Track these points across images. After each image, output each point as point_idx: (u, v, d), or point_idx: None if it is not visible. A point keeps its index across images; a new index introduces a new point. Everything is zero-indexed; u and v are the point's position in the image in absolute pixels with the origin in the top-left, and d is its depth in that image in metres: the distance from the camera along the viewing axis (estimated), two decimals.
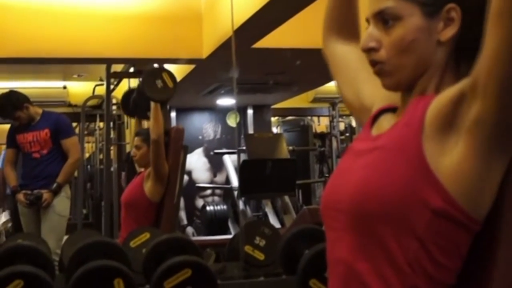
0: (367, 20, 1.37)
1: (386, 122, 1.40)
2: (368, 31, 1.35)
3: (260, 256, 3.80)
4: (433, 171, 1.21)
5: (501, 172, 1.21)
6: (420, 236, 1.21)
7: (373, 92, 1.50)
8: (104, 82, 7.23)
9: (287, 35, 5.83)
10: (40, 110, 5.48)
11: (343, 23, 1.62)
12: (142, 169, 5.00)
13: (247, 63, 6.37)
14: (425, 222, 1.20)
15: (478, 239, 1.25)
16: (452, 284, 1.25)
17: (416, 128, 1.24)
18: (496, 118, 1.15)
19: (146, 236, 3.85)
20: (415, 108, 1.28)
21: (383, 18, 1.32)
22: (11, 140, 5.50)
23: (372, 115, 1.46)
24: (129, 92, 6.24)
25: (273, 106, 10.62)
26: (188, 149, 5.28)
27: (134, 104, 5.61)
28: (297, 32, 5.81)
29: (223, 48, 5.71)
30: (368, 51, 1.35)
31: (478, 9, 1.27)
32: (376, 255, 1.24)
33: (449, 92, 1.23)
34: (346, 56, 1.60)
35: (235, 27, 5.23)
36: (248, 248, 3.79)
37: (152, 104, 4.71)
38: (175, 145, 4.84)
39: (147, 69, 6.65)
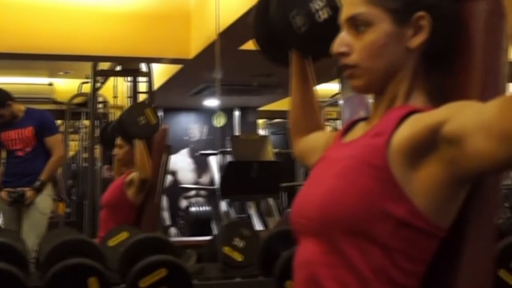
0: (340, 25, 1.39)
1: (359, 130, 1.43)
2: (340, 36, 1.37)
3: (239, 257, 3.79)
4: (398, 183, 1.22)
5: (468, 188, 1.24)
6: (384, 244, 1.22)
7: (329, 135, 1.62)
8: (90, 80, 7.21)
9: None
10: (23, 107, 5.42)
11: (306, 128, 1.75)
12: (123, 169, 4.96)
13: (234, 64, 6.38)
14: (388, 230, 1.22)
15: (444, 245, 1.27)
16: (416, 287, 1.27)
17: (384, 140, 1.26)
18: (473, 170, 1.16)
19: (124, 235, 3.82)
20: (387, 120, 1.30)
21: (355, 24, 1.34)
22: None
23: (344, 126, 1.49)
24: (108, 125, 6.21)
25: (260, 109, 10.64)
26: (171, 149, 5.26)
27: (112, 136, 5.57)
28: None
29: (210, 49, 5.71)
30: (339, 55, 1.36)
31: (448, 18, 1.31)
32: (337, 262, 1.26)
33: (424, 121, 1.23)
34: (309, 141, 1.72)
35: (222, 28, 5.23)
36: (226, 249, 3.77)
37: (136, 141, 4.65)
38: (158, 145, 4.82)
39: (131, 68, 6.66)
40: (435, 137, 1.18)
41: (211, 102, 9.55)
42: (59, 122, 7.62)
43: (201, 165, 10.22)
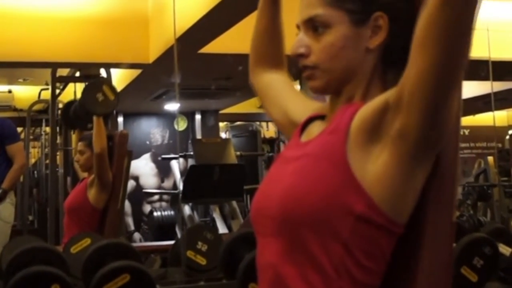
0: (298, 27, 1.39)
1: (315, 128, 1.42)
2: (299, 37, 1.37)
3: (202, 261, 3.80)
4: (356, 178, 1.23)
5: (422, 179, 1.25)
6: (345, 241, 1.23)
7: (302, 107, 1.54)
8: (50, 86, 7.15)
9: (234, 41, 5.84)
10: None
11: (269, 57, 1.67)
12: (86, 175, 4.95)
13: (193, 68, 6.38)
14: (349, 227, 1.23)
15: (403, 242, 1.28)
16: (377, 286, 1.27)
17: (341, 135, 1.27)
18: (418, 133, 1.18)
19: (87, 241, 3.82)
20: (342, 116, 1.31)
21: (313, 25, 1.35)
22: None
23: (301, 122, 1.48)
24: (69, 104, 6.18)
25: (221, 112, 10.62)
26: (132, 154, 5.24)
27: (75, 115, 5.56)
28: (244, 38, 5.81)
29: (169, 53, 5.70)
30: (298, 56, 1.37)
31: (405, 18, 1.30)
32: (302, 260, 1.26)
33: (375, 102, 1.26)
34: (273, 83, 1.64)
35: (181, 32, 5.23)
36: (190, 253, 3.79)
37: (95, 117, 4.68)
38: (119, 150, 4.81)
39: (90, 74, 6.63)
40: (386, 112, 1.21)
41: (172, 106, 9.52)
42: (19, 129, 7.53)
43: (163, 170, 10.17)
